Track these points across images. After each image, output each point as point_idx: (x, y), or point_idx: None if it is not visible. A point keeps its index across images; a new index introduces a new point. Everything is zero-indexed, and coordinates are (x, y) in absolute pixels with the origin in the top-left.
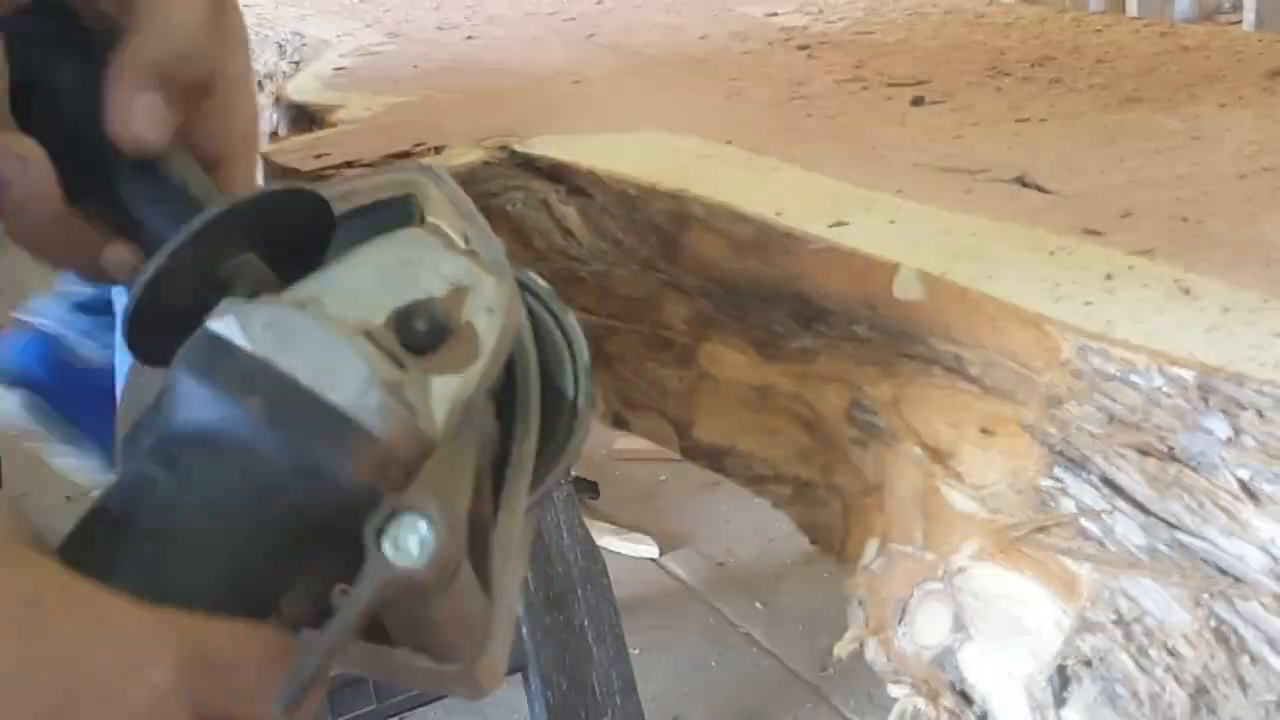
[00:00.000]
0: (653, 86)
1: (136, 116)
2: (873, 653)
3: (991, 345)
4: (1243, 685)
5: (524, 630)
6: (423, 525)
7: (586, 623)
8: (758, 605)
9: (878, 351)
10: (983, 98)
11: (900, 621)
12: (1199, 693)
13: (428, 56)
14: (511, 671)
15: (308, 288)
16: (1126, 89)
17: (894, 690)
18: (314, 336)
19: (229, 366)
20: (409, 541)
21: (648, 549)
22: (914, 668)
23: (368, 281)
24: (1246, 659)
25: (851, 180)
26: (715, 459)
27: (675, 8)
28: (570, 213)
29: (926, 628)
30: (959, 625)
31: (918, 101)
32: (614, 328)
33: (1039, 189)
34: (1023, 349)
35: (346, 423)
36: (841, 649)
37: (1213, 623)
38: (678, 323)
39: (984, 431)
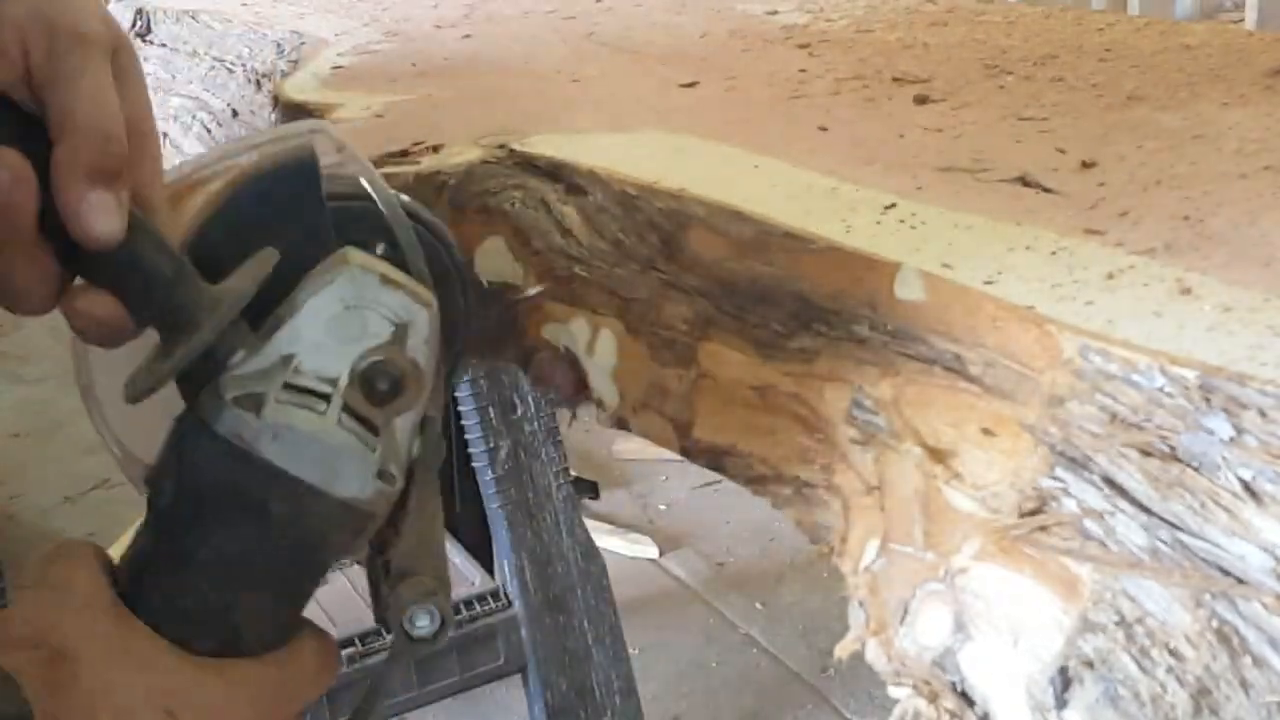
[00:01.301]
0: (652, 85)
1: (93, 218)
2: (873, 653)
3: (992, 345)
4: (1245, 686)
5: (523, 631)
6: (432, 608)
7: (586, 623)
8: (757, 606)
9: (878, 351)
10: (984, 96)
11: (901, 622)
12: (1201, 694)
13: (426, 55)
14: (511, 672)
15: (279, 346)
16: (1128, 87)
17: (895, 691)
18: (316, 442)
19: (248, 472)
20: (423, 620)
21: (647, 549)
22: (915, 668)
23: (323, 332)
24: (1249, 660)
25: (852, 179)
26: (715, 459)
27: (675, 6)
28: (569, 212)
29: (927, 628)
30: (960, 626)
31: (921, 100)
32: (614, 327)
33: (1040, 188)
34: (1024, 348)
35: (352, 511)
36: (842, 650)
37: (1215, 623)
38: (678, 323)
39: (985, 431)
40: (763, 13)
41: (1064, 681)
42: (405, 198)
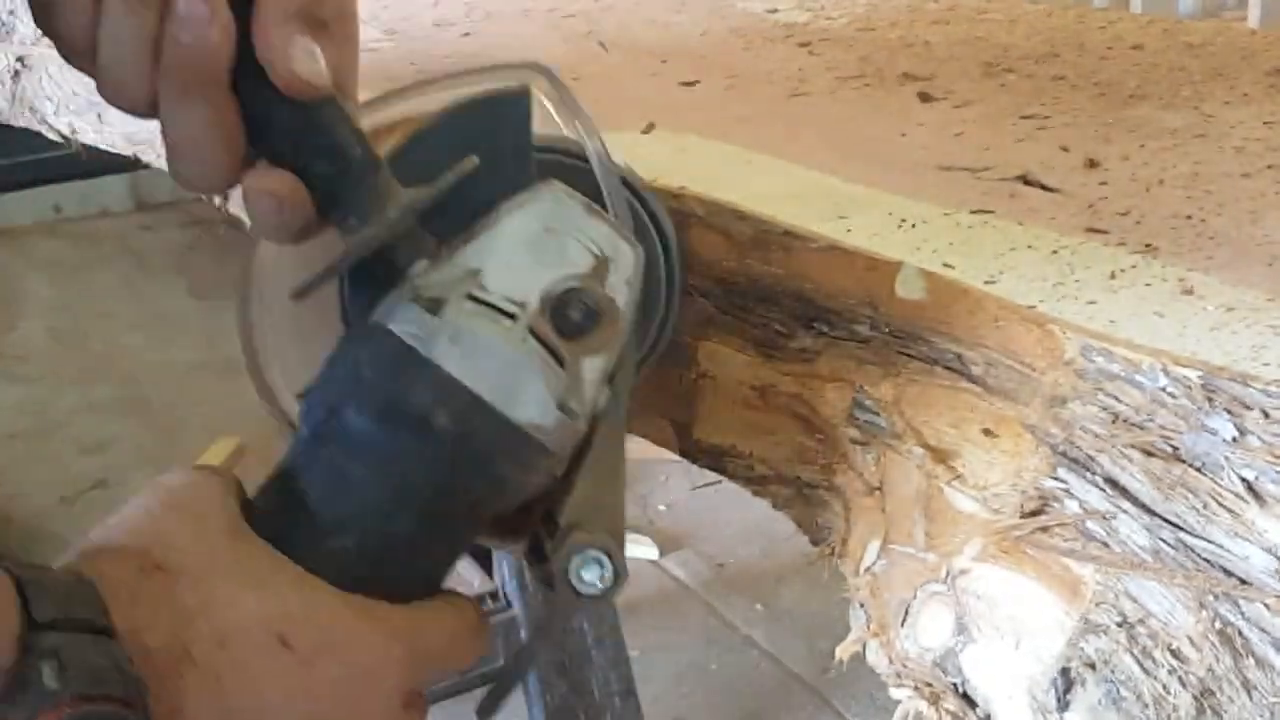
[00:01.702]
0: (652, 84)
1: (299, 61)
2: (874, 655)
3: (994, 344)
4: (1248, 688)
5: (523, 633)
6: (604, 559)
7: (585, 625)
8: (758, 607)
9: (879, 351)
10: (985, 94)
11: (902, 623)
12: (1204, 695)
13: (425, 54)
14: None
15: (468, 259)
16: (1130, 86)
17: (896, 693)
18: (496, 353)
19: (419, 377)
20: (592, 575)
21: (647, 550)
22: (916, 670)
23: (519, 252)
24: (1251, 661)
25: (853, 178)
26: (715, 459)
27: (675, 4)
28: None
29: (929, 630)
30: (961, 627)
31: (924, 98)
32: None
33: (1042, 187)
34: (1025, 348)
35: (526, 439)
36: (843, 651)
37: (1217, 625)
38: (677, 322)
39: (986, 432)
40: (763, 11)
41: (1066, 683)
42: (622, 164)
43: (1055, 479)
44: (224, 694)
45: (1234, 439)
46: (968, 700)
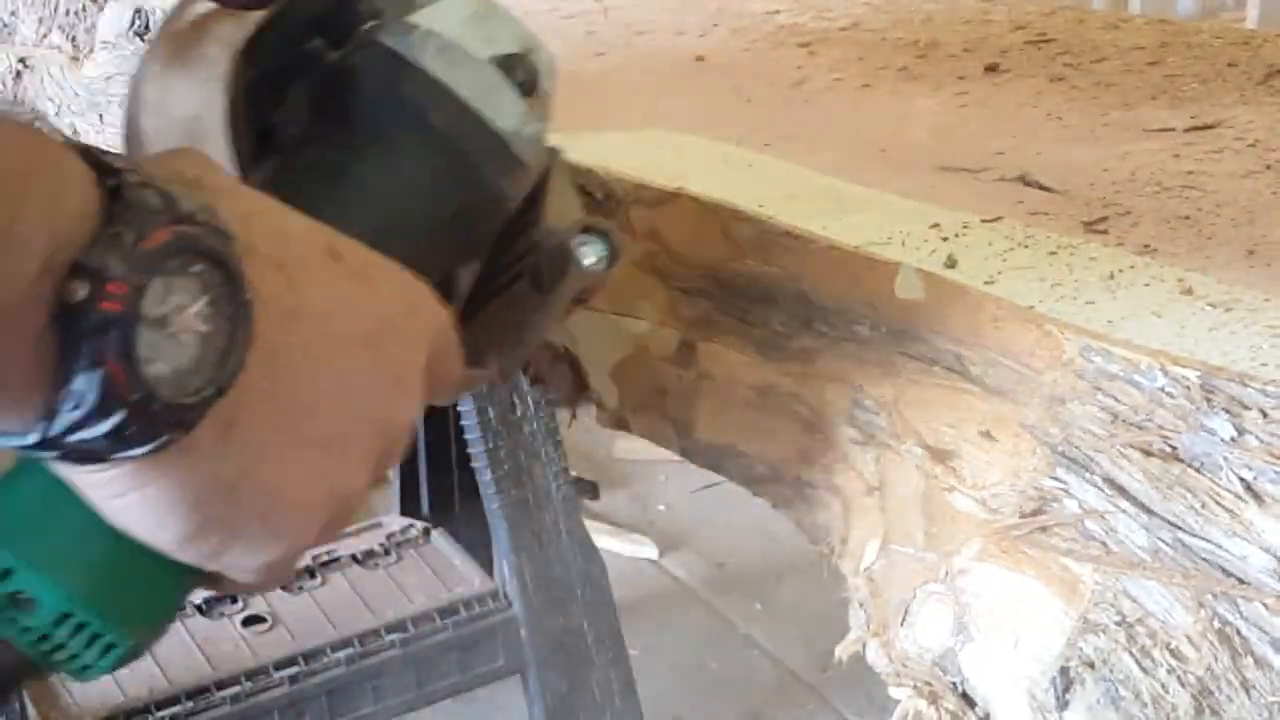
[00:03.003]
0: (653, 84)
1: None
2: (874, 654)
3: (993, 345)
4: (1246, 687)
5: (523, 632)
6: (602, 243)
7: (586, 624)
8: (757, 606)
9: (879, 351)
10: (986, 94)
11: (902, 623)
12: (1202, 694)
13: None
14: (510, 673)
15: (418, 21)
16: (1130, 86)
17: (895, 692)
18: (476, 66)
19: (412, 79)
20: (594, 254)
21: (647, 550)
22: (916, 669)
23: (460, 25)
24: (1250, 660)
25: (853, 178)
26: (715, 459)
27: (675, 5)
28: None
29: (928, 629)
30: (961, 627)
31: (926, 87)
32: (615, 325)
33: (1041, 187)
34: (1024, 349)
35: (507, 147)
36: (843, 650)
37: (1216, 624)
38: (678, 323)
39: (985, 432)
40: (763, 11)
41: (1065, 682)
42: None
43: (1054, 479)
44: (291, 284)
45: (1232, 439)
46: (967, 699)
